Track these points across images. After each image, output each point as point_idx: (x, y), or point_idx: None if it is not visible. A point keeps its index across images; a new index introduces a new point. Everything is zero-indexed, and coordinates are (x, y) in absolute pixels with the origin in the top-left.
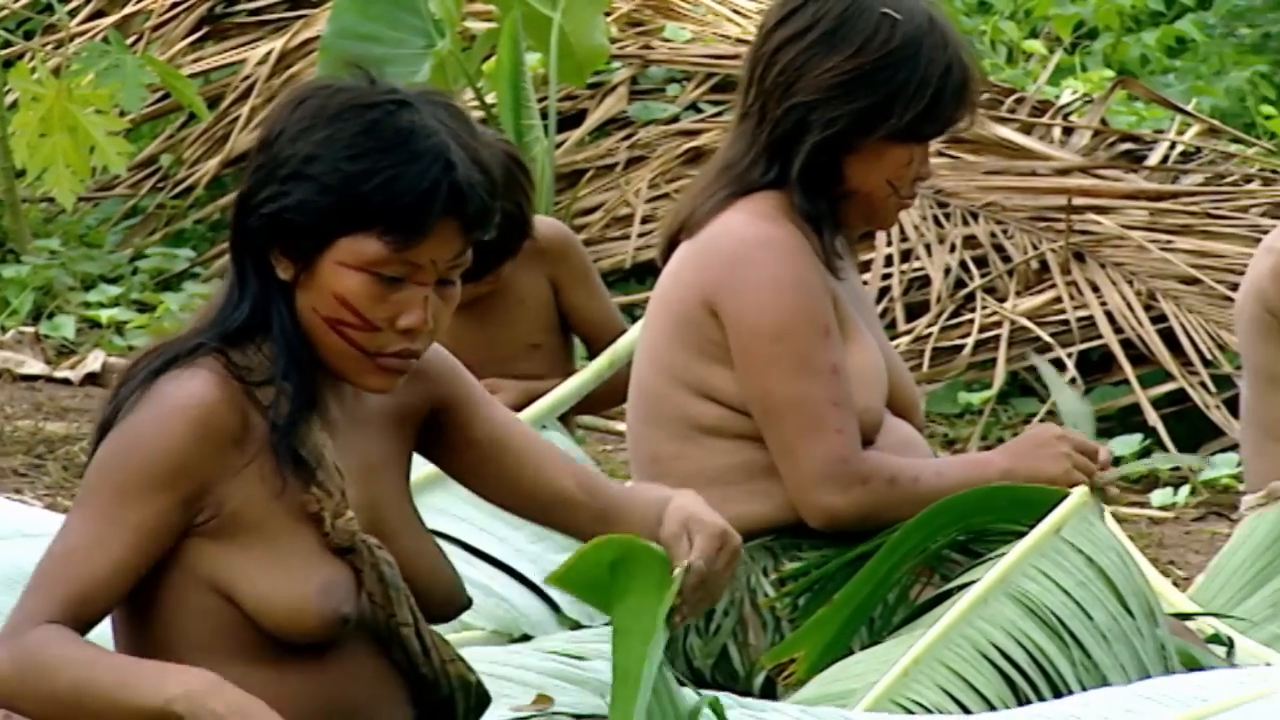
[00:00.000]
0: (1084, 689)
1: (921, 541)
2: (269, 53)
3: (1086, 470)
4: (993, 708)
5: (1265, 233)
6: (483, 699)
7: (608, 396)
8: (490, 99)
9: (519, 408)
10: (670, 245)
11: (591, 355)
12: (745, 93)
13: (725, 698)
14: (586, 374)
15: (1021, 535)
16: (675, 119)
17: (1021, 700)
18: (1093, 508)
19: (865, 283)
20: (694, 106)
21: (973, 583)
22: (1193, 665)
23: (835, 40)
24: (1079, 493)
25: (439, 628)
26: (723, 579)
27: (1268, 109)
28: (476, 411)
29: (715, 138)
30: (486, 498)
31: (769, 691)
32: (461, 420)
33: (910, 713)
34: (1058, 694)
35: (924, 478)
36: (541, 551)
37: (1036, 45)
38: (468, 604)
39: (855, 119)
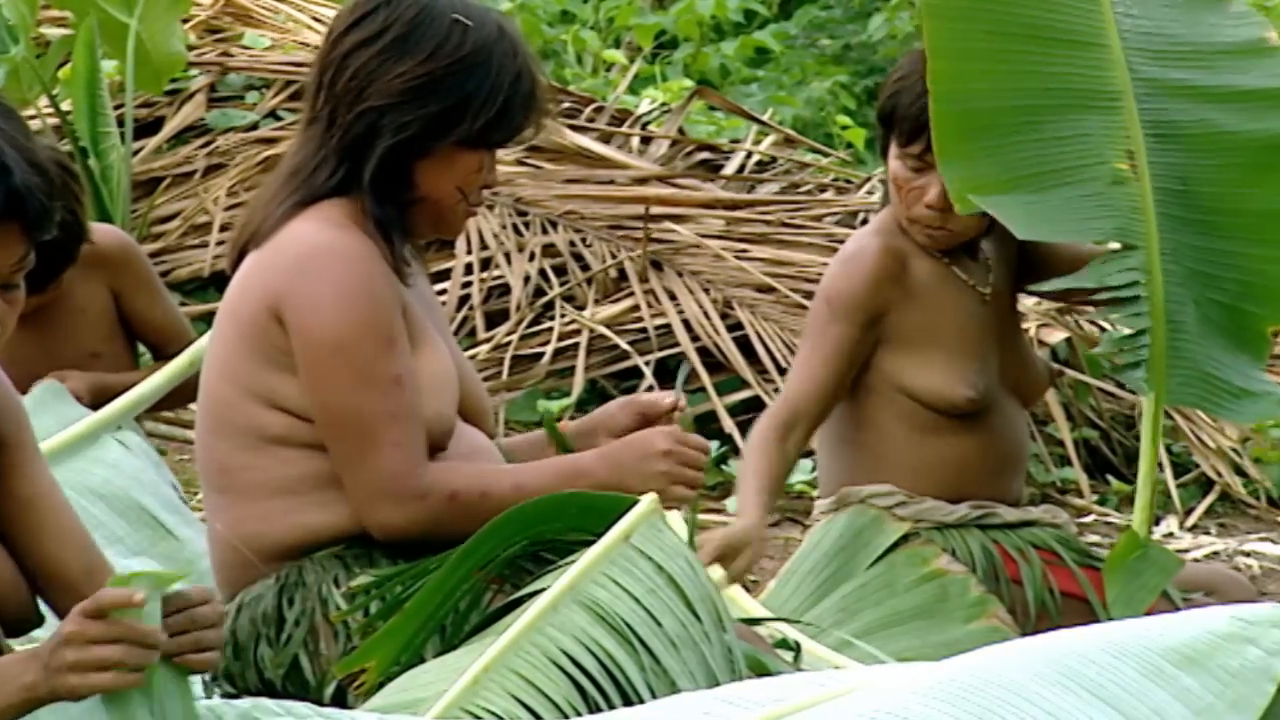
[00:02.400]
0: (654, 696)
1: (492, 550)
2: None
3: (688, 485)
4: (564, 715)
5: (840, 241)
6: None
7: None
8: (66, 106)
9: (93, 402)
10: (240, 254)
11: (156, 360)
12: (314, 97)
13: (300, 707)
14: (162, 376)
15: (592, 542)
16: (254, 126)
17: (591, 707)
18: (662, 515)
19: (445, 291)
20: (273, 114)
21: (544, 590)
22: (761, 671)
23: (408, 45)
24: (648, 500)
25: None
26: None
27: (845, 119)
28: (25, 463)
29: None
30: None
31: (340, 701)
32: (8, 467)
33: (478, 719)
34: (627, 701)
35: (496, 492)
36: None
37: (617, 55)
38: (40, 622)
39: (427, 124)
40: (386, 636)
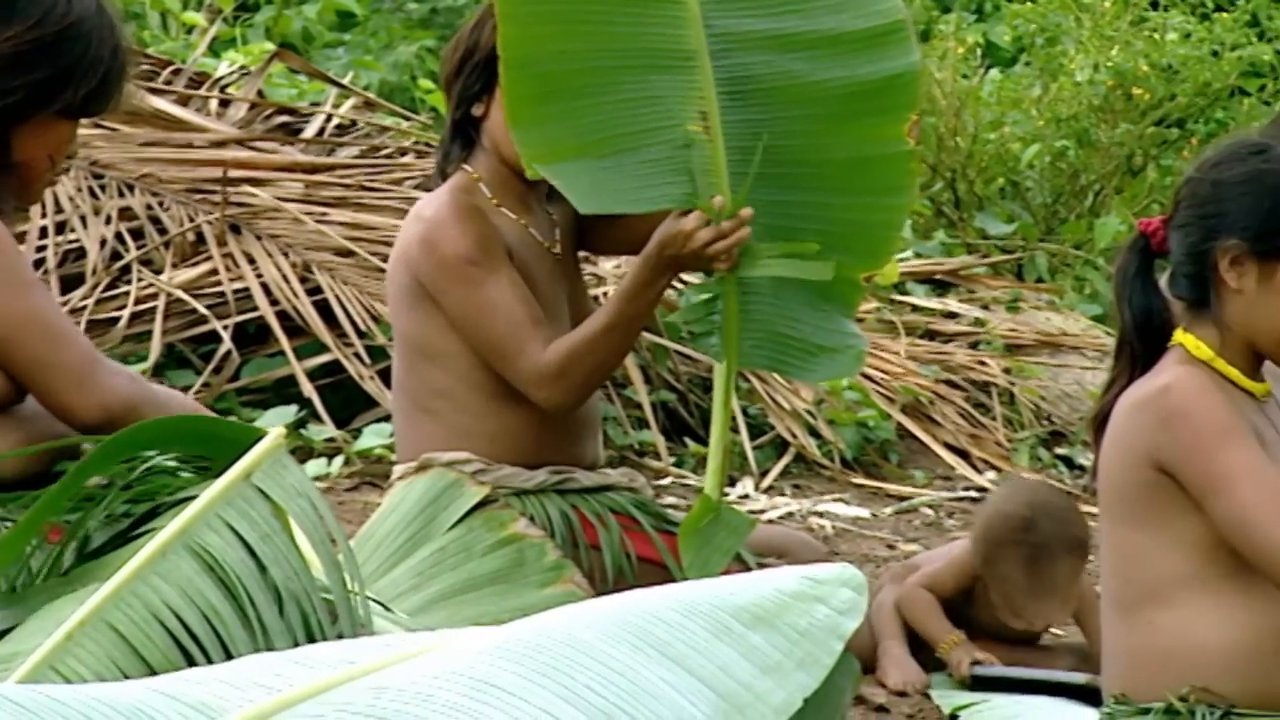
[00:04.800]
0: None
1: (107, 469)
2: None
3: None
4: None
5: None
6: None
7: None
8: None
9: None
10: None
11: None
12: None
13: None
14: None
15: (214, 474)
16: None
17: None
18: (286, 450)
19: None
20: None
21: (156, 531)
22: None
23: (13, 10)
24: (276, 434)
25: None
26: None
27: (428, 84)
28: None
29: None
30: None
31: None
32: None
33: (69, 681)
34: (229, 659)
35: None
36: None
37: (197, 18)
38: None
39: (34, 91)
40: None
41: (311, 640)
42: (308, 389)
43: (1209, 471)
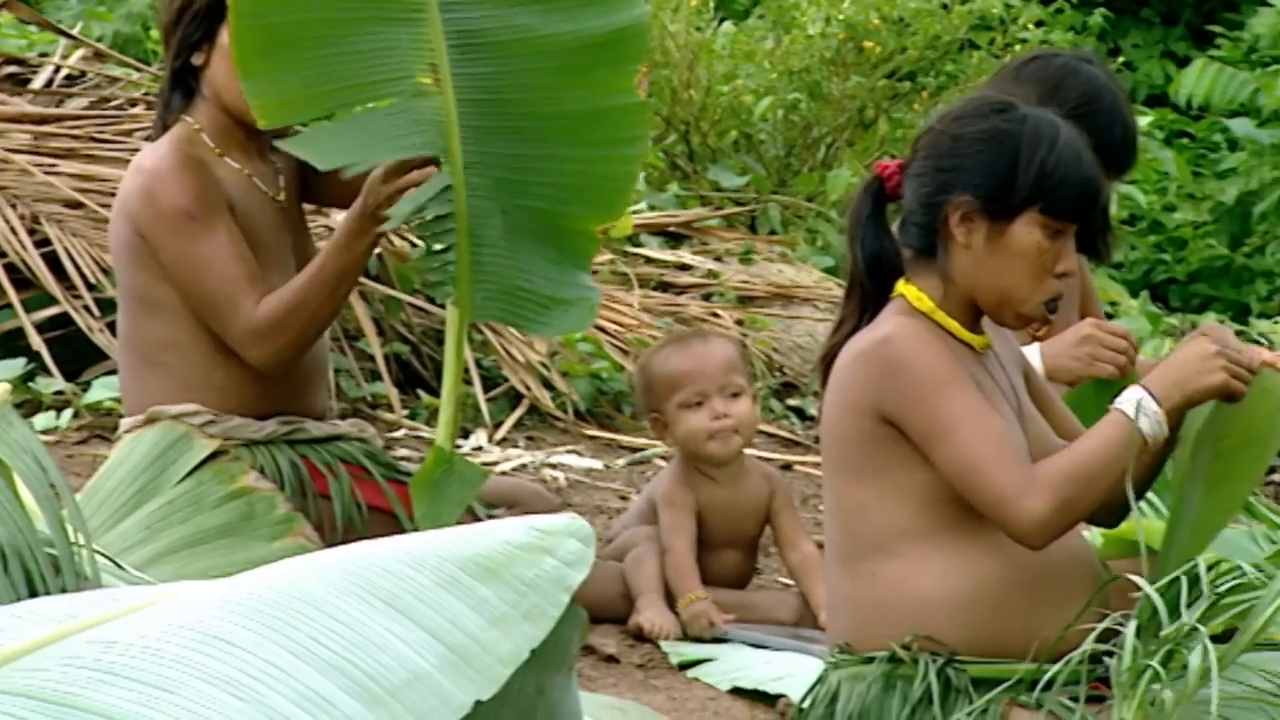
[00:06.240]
0: None
1: None
2: None
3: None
4: None
5: None
6: None
7: None
8: None
9: None
10: None
11: None
12: None
13: None
14: None
15: None
16: None
17: None
18: (10, 407)
19: None
20: None
21: None
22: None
23: None
24: (3, 390)
25: None
26: None
27: (157, 34)
28: None
29: None
30: None
31: None
32: None
33: None
34: None
35: None
36: None
37: None
38: None
39: None
40: None
41: (34, 595)
42: (36, 342)
43: (931, 419)
